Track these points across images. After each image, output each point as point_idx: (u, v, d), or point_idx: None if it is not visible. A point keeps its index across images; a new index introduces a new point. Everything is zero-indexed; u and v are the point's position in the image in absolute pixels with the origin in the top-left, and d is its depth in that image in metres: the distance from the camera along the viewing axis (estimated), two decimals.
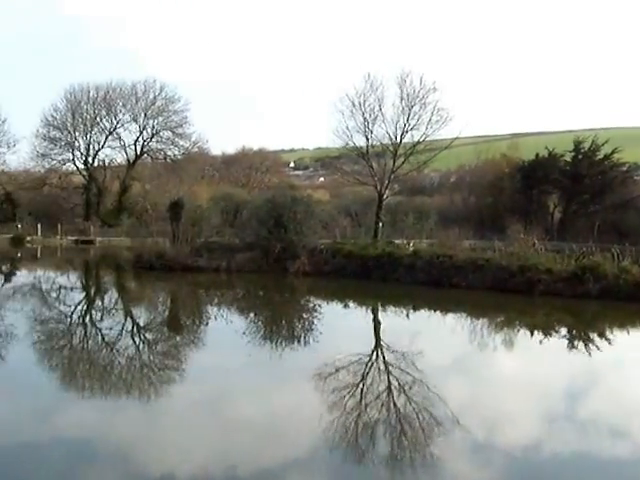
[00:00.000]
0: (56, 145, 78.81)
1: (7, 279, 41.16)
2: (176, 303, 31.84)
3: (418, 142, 49.18)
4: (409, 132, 48.92)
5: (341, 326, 25.31)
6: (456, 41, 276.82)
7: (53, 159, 79.25)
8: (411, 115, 48.45)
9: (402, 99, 48.59)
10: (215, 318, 26.70)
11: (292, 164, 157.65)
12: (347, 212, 60.01)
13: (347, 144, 50.59)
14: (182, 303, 31.87)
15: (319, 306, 30.44)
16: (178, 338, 22.84)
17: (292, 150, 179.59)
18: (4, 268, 48.53)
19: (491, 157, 76.04)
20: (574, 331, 25.45)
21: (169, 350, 20.79)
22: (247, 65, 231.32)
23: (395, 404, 14.16)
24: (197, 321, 26.70)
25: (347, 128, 49.40)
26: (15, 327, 22.75)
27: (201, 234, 42.92)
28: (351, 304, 31.17)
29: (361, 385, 15.89)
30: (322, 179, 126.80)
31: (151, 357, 19.67)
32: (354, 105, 49.16)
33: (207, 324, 25.60)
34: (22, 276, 43.05)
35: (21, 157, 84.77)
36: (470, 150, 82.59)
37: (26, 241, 64.00)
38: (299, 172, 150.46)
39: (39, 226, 66.73)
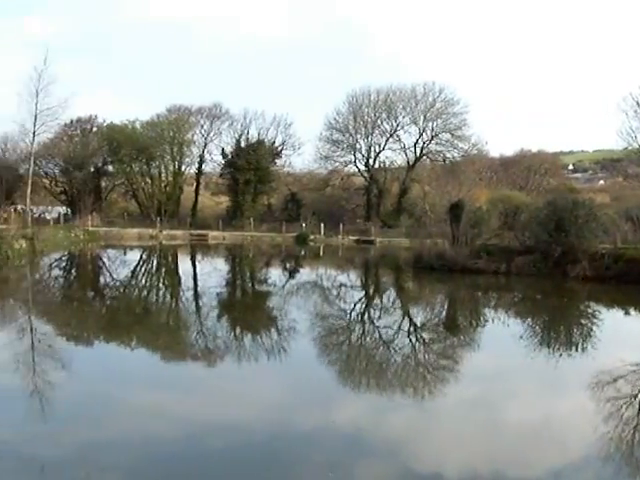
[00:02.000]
0: (338, 147, 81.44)
1: (291, 276, 42.97)
2: (453, 304, 31.76)
3: None
4: None
5: (621, 334, 24.10)
6: None
7: (335, 161, 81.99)
8: None
9: None
10: (492, 321, 26.38)
11: (571, 166, 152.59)
12: (628, 216, 57.23)
13: (630, 145, 48.19)
14: (459, 304, 31.73)
15: (598, 312, 29.23)
16: (454, 339, 22.77)
17: (571, 152, 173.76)
18: (288, 265, 50.80)
19: None
20: None
21: (444, 350, 20.72)
22: (523, 65, 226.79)
23: None
24: (473, 323, 26.47)
25: (631, 129, 47.06)
26: (297, 322, 23.69)
27: (480, 236, 42.59)
28: (632, 312, 29.66)
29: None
30: (602, 182, 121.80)
31: (426, 356, 19.71)
32: (639, 104, 46.75)
33: (483, 326, 25.31)
34: (305, 273, 44.86)
35: (305, 159, 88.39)
36: None
37: (309, 240, 66.67)
38: (578, 175, 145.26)
39: (322, 225, 69.24)
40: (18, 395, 13.41)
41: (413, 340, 21.81)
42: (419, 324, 25.25)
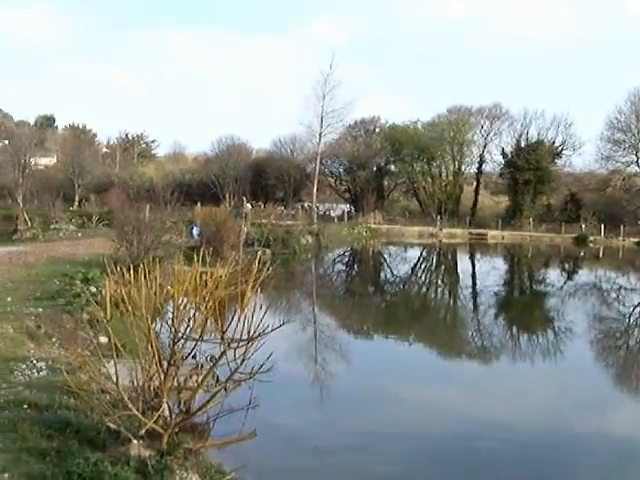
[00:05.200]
0: (620, 147, 78.52)
1: (569, 277, 42.64)
2: None
3: None
4: None
5: None
6: None
7: (617, 161, 79.06)
8: None
9: None
10: None
11: None
12: None
13: None
14: None
15: None
16: None
17: None
18: (567, 266, 50.21)
19: None
20: None
21: None
22: None
23: None
24: None
25: None
26: (574, 324, 23.92)
27: None
28: None
29: None
30: None
31: None
32: None
33: None
34: (583, 275, 44.24)
35: (586, 159, 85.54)
36: None
37: (589, 241, 65.21)
38: None
39: (602, 227, 67.48)
40: (301, 382, 14.87)
41: None
42: None
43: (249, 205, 50.42)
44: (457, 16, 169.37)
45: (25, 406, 8.89)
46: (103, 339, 12.32)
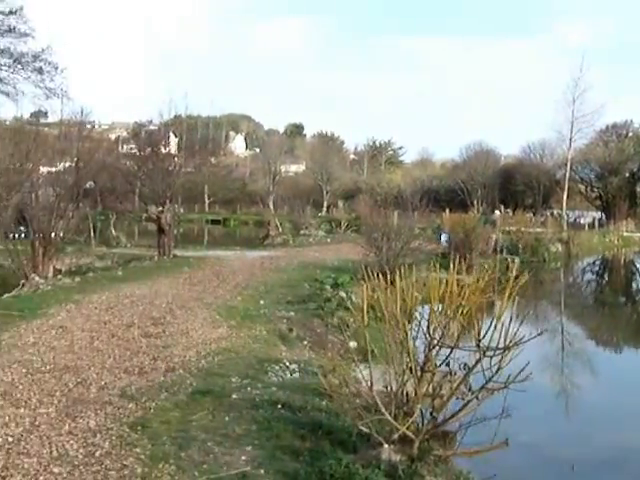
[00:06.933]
0: None
1: None
2: None
3: None
4: None
5: None
6: None
7: None
8: None
9: None
10: None
11: None
12: None
13: None
14: None
15: None
16: None
17: None
18: None
19: None
20: None
21: None
22: None
23: None
24: None
25: None
26: None
27: None
28: None
29: None
30: None
31: None
32: None
33: None
34: None
35: None
36: None
37: None
38: None
39: None
40: (549, 393, 14.39)
41: None
42: None
43: (498, 212, 49.97)
44: None
45: (279, 406, 9.29)
46: (352, 344, 12.57)
